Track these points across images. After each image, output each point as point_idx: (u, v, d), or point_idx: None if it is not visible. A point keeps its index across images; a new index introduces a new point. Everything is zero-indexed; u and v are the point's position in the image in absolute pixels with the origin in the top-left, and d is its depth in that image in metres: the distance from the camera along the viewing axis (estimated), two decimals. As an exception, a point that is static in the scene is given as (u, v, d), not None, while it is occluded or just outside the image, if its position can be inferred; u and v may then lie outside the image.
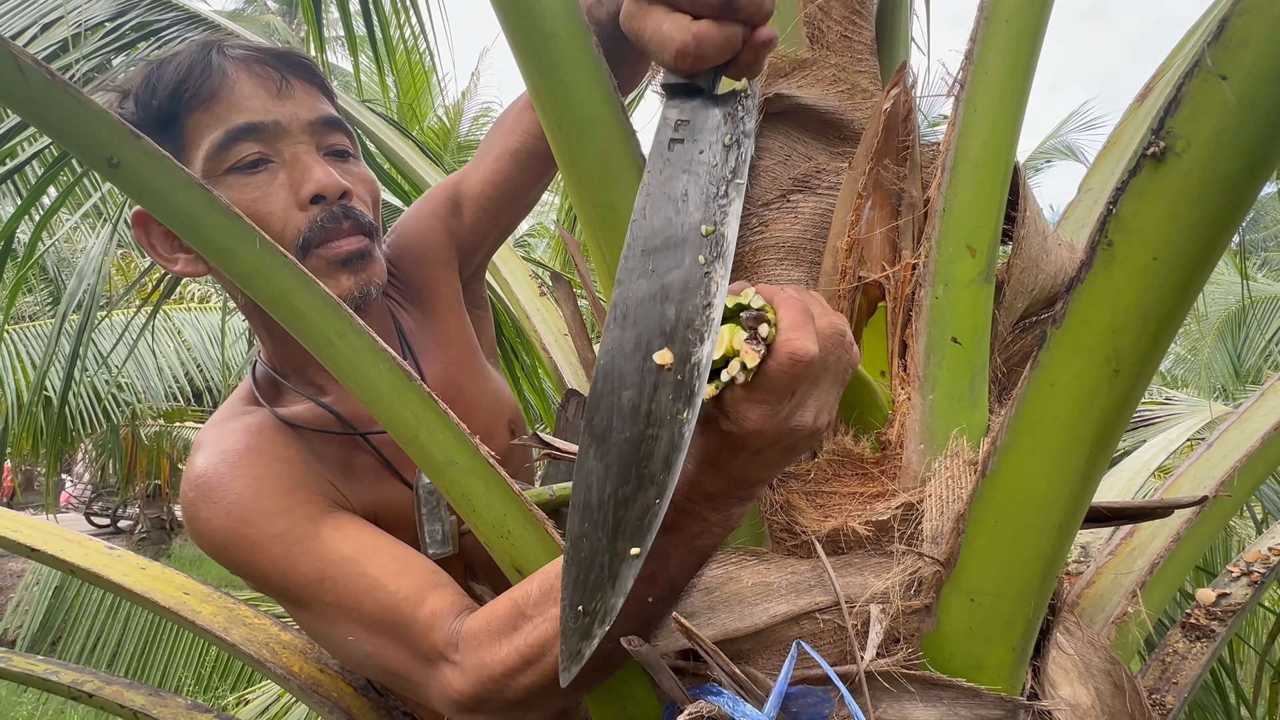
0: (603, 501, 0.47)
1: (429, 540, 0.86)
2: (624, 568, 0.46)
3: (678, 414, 0.46)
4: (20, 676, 1.07)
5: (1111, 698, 0.74)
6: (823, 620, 0.68)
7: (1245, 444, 0.98)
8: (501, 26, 0.68)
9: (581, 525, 0.47)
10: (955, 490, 0.69)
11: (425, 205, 1.04)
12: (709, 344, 0.46)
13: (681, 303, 0.47)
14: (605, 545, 0.46)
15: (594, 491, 0.47)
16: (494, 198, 1.01)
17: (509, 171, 1.00)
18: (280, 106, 0.84)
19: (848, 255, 0.76)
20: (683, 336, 0.47)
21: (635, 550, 0.46)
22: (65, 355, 2.34)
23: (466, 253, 1.04)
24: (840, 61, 0.82)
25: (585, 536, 0.47)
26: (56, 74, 0.54)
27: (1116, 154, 1.09)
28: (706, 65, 0.51)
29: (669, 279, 0.48)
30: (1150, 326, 0.51)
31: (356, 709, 1.04)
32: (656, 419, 0.46)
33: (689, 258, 0.48)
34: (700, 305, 0.47)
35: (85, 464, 11.07)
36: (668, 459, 0.45)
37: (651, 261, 0.48)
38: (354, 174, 0.88)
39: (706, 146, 0.51)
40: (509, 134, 1.00)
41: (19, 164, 1.76)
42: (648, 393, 0.46)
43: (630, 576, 0.46)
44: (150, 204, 0.60)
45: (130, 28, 1.81)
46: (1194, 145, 0.45)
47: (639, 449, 0.46)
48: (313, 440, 0.88)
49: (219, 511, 0.78)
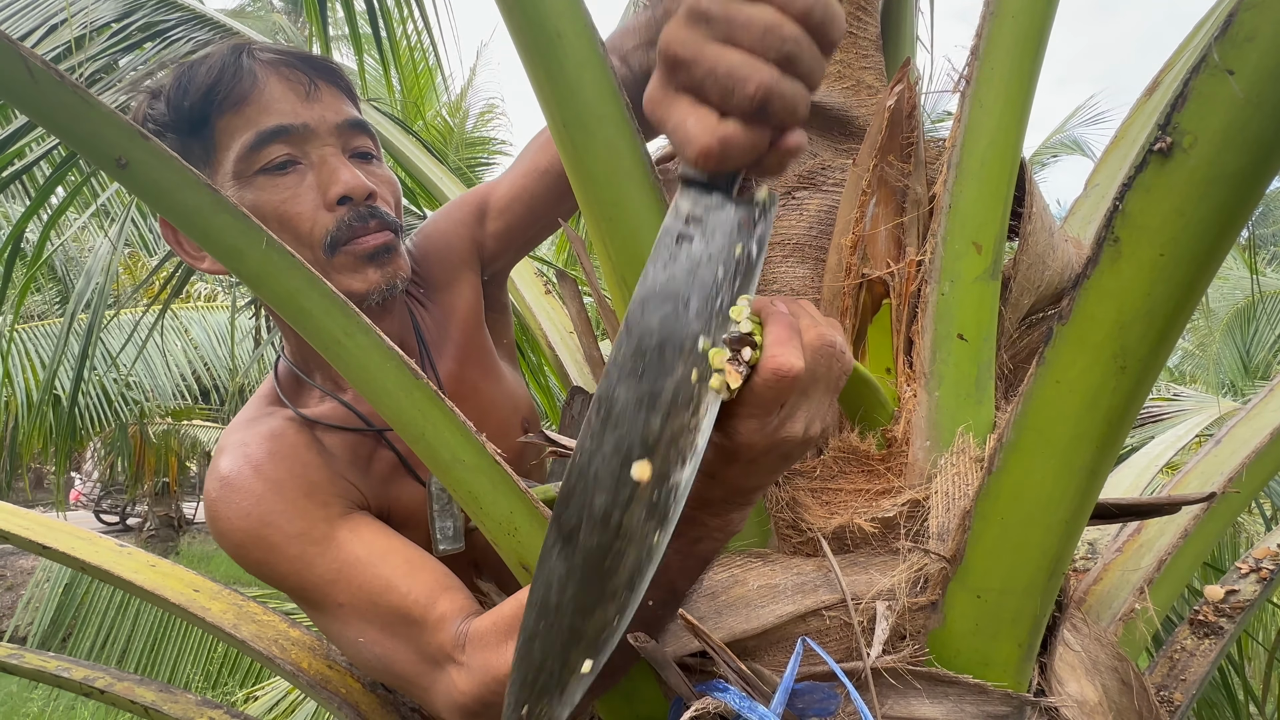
0: (562, 605, 0.45)
1: (440, 536, 0.87)
2: (574, 681, 0.44)
3: (648, 534, 0.44)
4: (32, 673, 1.08)
5: (1119, 694, 0.74)
6: (829, 618, 0.68)
7: (1254, 440, 0.98)
8: (506, 26, 0.68)
9: (537, 624, 0.45)
10: (961, 487, 0.69)
11: (454, 210, 1.07)
12: (689, 468, 0.44)
13: (668, 417, 0.45)
14: (558, 653, 0.45)
15: (554, 592, 0.45)
16: (518, 211, 1.04)
17: (534, 188, 1.02)
18: (309, 109, 0.86)
19: (852, 252, 0.76)
20: (664, 454, 0.45)
21: (588, 665, 0.44)
22: (74, 354, 2.35)
23: (488, 259, 1.07)
24: (845, 58, 0.82)
25: (538, 636, 0.45)
26: (65, 75, 0.54)
27: (1124, 149, 1.08)
28: (729, 169, 0.48)
29: (658, 386, 0.46)
30: (1157, 323, 0.51)
31: (365, 705, 1.04)
32: (626, 534, 0.44)
33: (682, 369, 0.46)
34: (687, 424, 0.45)
35: (94, 462, 11.14)
36: (632, 578, 0.43)
37: (644, 363, 0.47)
38: (378, 175, 0.91)
39: (716, 252, 0.49)
40: (540, 151, 1.02)
41: (27, 164, 1.78)
42: (620, 504, 0.45)
43: (579, 691, 0.44)
44: (159, 205, 0.60)
45: (137, 28, 1.81)
46: (1201, 141, 0.44)
47: (605, 560, 0.44)
48: (332, 438, 0.90)
49: (239, 512, 0.81)
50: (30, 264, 2.12)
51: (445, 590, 0.76)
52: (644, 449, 0.45)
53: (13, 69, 0.52)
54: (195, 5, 1.94)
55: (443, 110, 8.16)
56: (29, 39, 1.73)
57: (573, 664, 0.44)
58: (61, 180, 1.88)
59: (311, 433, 0.89)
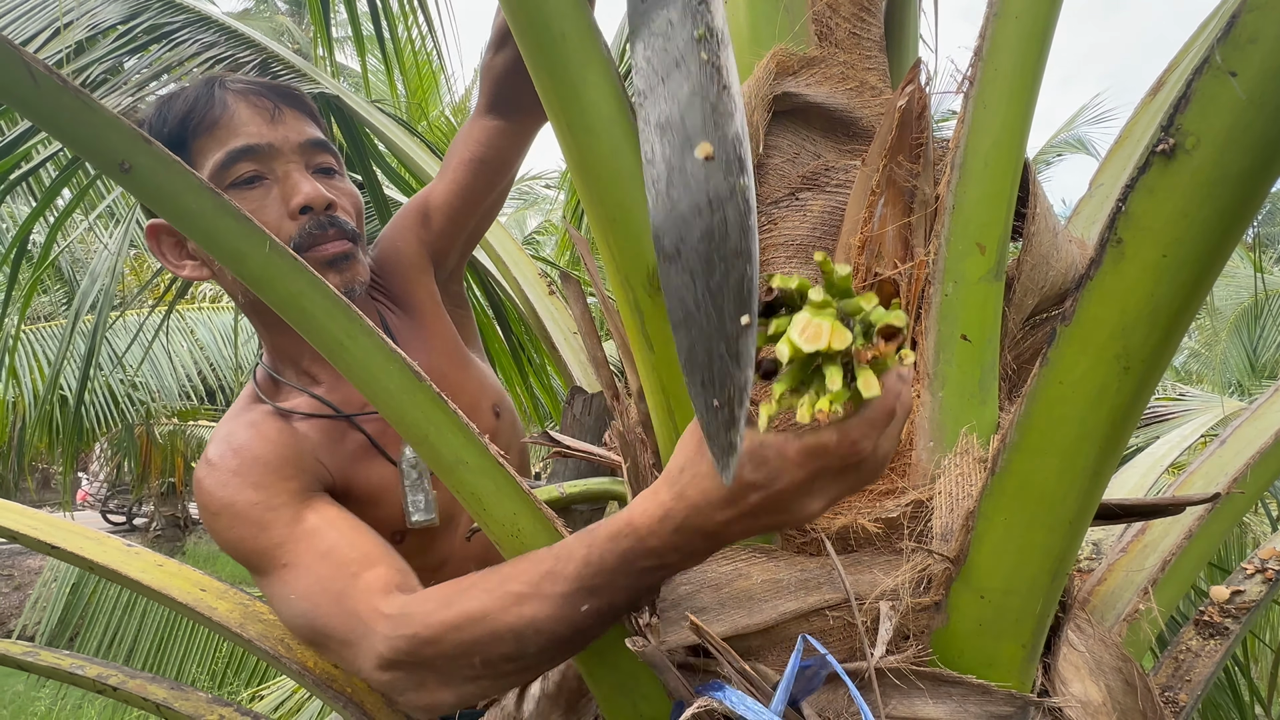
0: (699, 301, 0.47)
1: (412, 509, 0.96)
2: (741, 340, 0.46)
3: (734, 186, 0.47)
4: (47, 670, 1.09)
5: (1123, 695, 0.74)
6: (832, 617, 0.68)
7: (1259, 440, 0.97)
8: (511, 28, 0.69)
9: (689, 336, 0.48)
10: (965, 487, 0.69)
11: (399, 219, 1.17)
12: (738, 117, 0.48)
13: (704, 99, 0.48)
14: (716, 333, 0.47)
15: (689, 300, 0.48)
16: (456, 205, 1.13)
17: (466, 179, 1.12)
18: (273, 131, 0.96)
19: (860, 252, 0.76)
20: (713, 124, 0.48)
21: (745, 319, 0.46)
22: (80, 355, 2.36)
23: (439, 257, 1.16)
24: (849, 59, 0.82)
25: (695, 343, 0.48)
26: (68, 80, 0.55)
27: (1128, 150, 1.08)
28: None
29: (682, 93, 0.49)
30: (1160, 323, 0.51)
31: (370, 704, 1.05)
32: (717, 201, 0.47)
33: (693, 65, 0.49)
34: (719, 90, 0.48)
35: (101, 462, 11.18)
36: (742, 227, 0.46)
37: (666, 89, 0.50)
38: (338, 188, 1.00)
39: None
40: (464, 145, 1.12)
41: (33, 167, 1.78)
42: (701, 185, 0.47)
43: (750, 344, 0.46)
44: (162, 208, 0.60)
45: (142, 30, 1.82)
46: (1204, 142, 0.44)
47: (713, 236, 0.47)
48: (306, 425, 0.98)
49: (216, 486, 0.90)
50: (36, 265, 2.13)
51: (386, 559, 0.80)
52: (701, 135, 0.48)
53: (16, 74, 0.53)
54: (201, 7, 1.95)
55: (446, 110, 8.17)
56: (34, 41, 1.74)
57: (733, 331, 0.47)
58: (67, 182, 1.89)
59: (286, 421, 0.97)
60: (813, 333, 0.46)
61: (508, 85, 1.05)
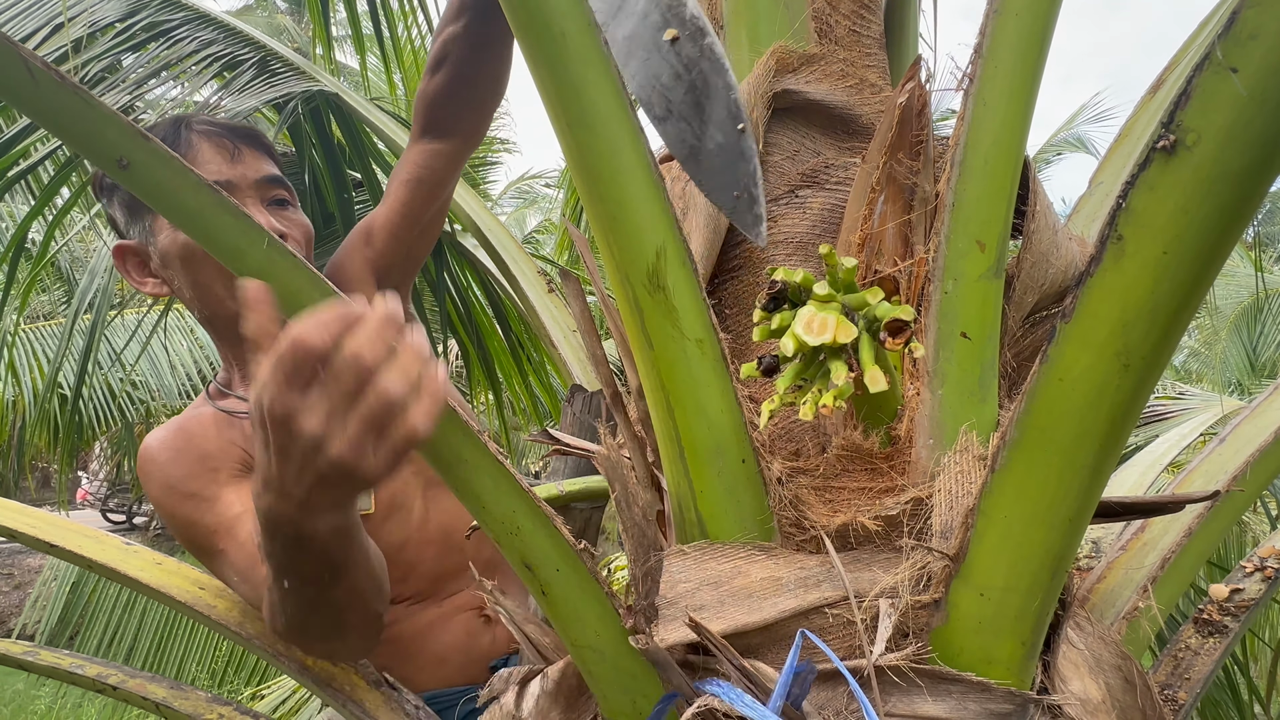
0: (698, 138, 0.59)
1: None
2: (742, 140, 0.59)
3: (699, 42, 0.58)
4: (47, 670, 1.09)
5: (1122, 693, 0.74)
6: (832, 615, 0.68)
7: (1259, 438, 0.97)
8: (510, 25, 0.68)
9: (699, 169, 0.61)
10: (964, 485, 0.69)
11: (346, 242, 1.26)
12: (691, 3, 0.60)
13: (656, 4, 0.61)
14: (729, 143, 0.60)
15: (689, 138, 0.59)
16: (397, 222, 1.22)
17: (405, 197, 1.20)
18: (233, 168, 1.08)
19: (860, 250, 0.76)
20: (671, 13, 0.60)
21: (740, 125, 0.58)
22: (79, 353, 2.35)
23: (382, 274, 1.25)
24: (848, 56, 0.82)
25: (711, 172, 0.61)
26: (66, 76, 0.55)
27: (1128, 147, 1.08)
28: None
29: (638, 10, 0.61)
30: (1160, 321, 0.51)
31: (369, 702, 1.04)
32: (690, 63, 0.59)
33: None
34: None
35: (100, 461, 11.18)
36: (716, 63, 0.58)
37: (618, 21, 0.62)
38: (291, 219, 1.12)
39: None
40: (403, 168, 1.21)
41: (32, 164, 1.78)
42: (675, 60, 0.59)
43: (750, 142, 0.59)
44: (160, 205, 0.60)
45: (141, 28, 1.81)
46: (1204, 139, 0.44)
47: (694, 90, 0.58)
48: (242, 423, 1.09)
49: (153, 474, 1.05)
50: (35, 263, 2.13)
51: None
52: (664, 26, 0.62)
53: (14, 70, 0.53)
54: (199, 5, 1.95)
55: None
56: (33, 39, 1.73)
57: (734, 137, 0.63)
58: (66, 180, 1.89)
59: (224, 417, 1.09)
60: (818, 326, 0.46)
61: (441, 110, 1.14)
